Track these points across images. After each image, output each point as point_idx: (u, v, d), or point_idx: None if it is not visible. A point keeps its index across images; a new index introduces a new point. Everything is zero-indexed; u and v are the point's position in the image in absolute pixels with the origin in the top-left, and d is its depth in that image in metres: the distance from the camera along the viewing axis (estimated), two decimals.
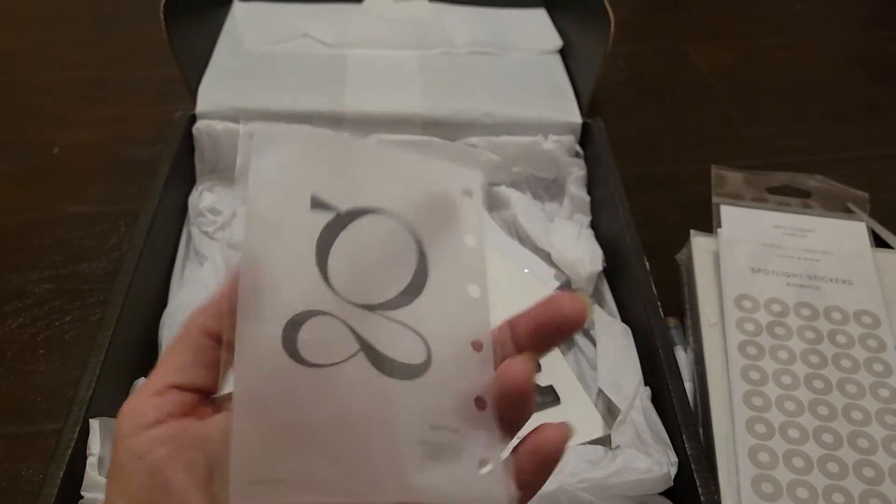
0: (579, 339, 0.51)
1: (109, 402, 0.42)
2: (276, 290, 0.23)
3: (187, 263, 0.55)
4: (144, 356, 0.47)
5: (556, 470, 0.42)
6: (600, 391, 0.47)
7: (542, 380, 0.47)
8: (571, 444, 0.45)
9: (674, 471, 0.40)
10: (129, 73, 0.76)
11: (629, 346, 0.48)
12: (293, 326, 0.23)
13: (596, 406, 0.47)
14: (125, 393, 0.44)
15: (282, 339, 0.22)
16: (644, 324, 0.47)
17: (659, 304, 0.48)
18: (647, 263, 0.51)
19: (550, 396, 0.47)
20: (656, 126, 0.74)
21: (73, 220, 0.61)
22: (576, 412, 0.46)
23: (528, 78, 0.65)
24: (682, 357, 0.52)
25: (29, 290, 0.55)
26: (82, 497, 0.37)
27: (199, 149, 0.59)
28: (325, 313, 0.23)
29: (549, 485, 0.39)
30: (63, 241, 0.59)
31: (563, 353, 0.50)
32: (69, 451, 0.38)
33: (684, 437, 0.41)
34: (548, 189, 0.62)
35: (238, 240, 0.56)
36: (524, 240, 0.57)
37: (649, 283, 0.49)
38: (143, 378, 0.45)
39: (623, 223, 0.53)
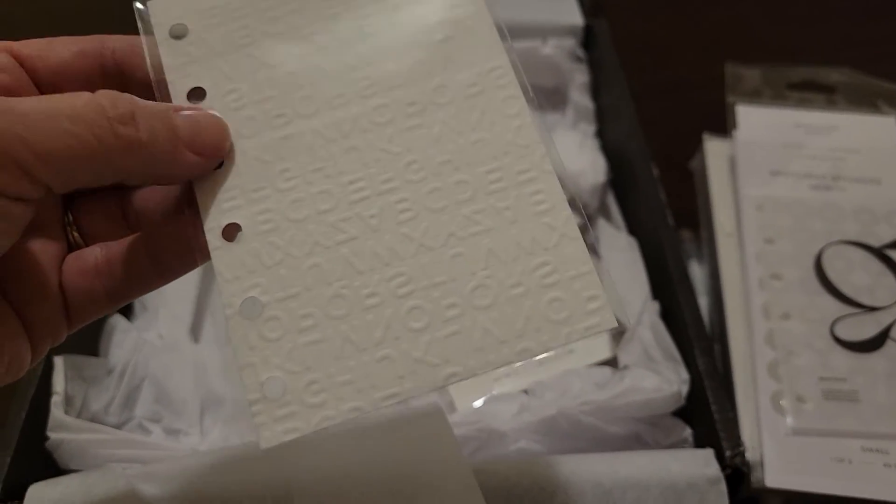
0: None
1: (74, 338, 0.40)
2: None
3: None
4: None
5: (559, 393, 0.39)
6: None
7: None
8: (578, 366, 0.43)
9: (685, 389, 0.37)
10: (79, 21, 0.72)
11: (635, 260, 0.44)
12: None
13: None
14: (95, 329, 0.41)
15: None
16: (652, 234, 0.44)
17: (669, 211, 0.44)
18: (657, 171, 0.46)
19: None
20: (668, 27, 0.68)
21: None
22: None
23: None
24: (698, 272, 0.48)
25: None
26: (48, 438, 0.35)
27: None
28: None
29: (550, 409, 0.36)
30: None
31: None
32: (32, 391, 0.35)
33: (696, 352, 0.37)
34: (549, 98, 0.57)
35: None
36: None
37: (656, 190, 0.45)
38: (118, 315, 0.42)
39: (630, 130, 0.48)
